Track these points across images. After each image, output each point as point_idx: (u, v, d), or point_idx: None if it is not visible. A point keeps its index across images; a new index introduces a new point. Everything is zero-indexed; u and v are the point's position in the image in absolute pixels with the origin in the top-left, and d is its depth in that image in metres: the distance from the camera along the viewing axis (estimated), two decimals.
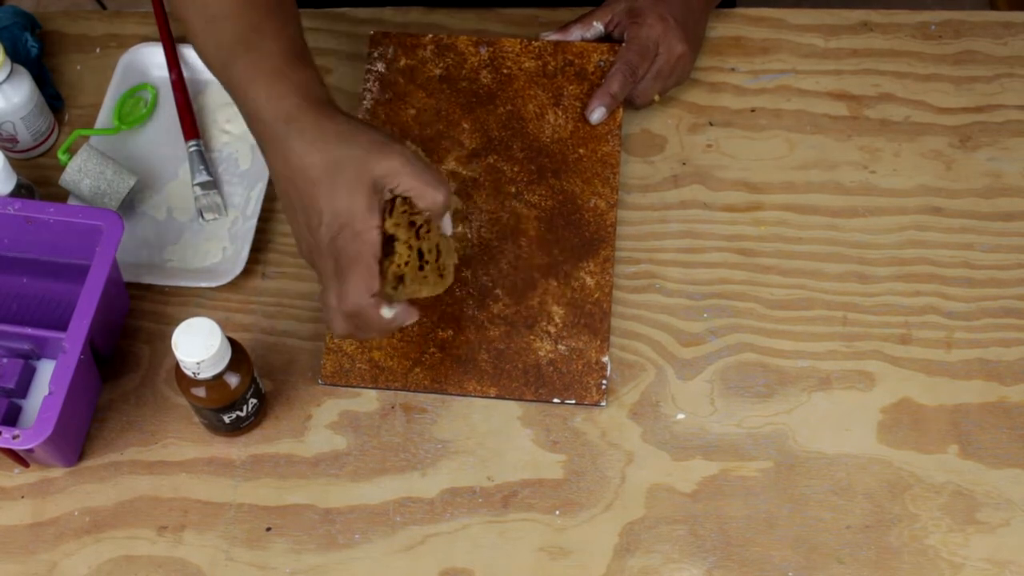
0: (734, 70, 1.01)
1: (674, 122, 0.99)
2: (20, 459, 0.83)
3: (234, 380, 0.80)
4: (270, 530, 0.83)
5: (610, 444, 0.86)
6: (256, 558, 0.82)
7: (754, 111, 0.99)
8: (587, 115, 0.95)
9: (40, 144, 0.98)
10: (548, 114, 0.96)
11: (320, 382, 0.88)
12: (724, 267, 0.92)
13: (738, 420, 0.87)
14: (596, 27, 0.99)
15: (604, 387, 0.87)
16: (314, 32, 1.02)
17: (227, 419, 0.83)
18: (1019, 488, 0.84)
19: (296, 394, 0.88)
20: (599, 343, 0.88)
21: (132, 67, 1.00)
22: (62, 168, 0.91)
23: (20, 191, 0.89)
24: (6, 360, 0.86)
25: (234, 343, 0.79)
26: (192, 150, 0.95)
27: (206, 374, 0.78)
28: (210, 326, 0.77)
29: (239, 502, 0.84)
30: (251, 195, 0.94)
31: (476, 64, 0.98)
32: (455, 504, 0.84)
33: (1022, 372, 0.88)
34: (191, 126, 0.96)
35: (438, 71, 0.98)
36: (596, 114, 0.95)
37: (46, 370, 0.87)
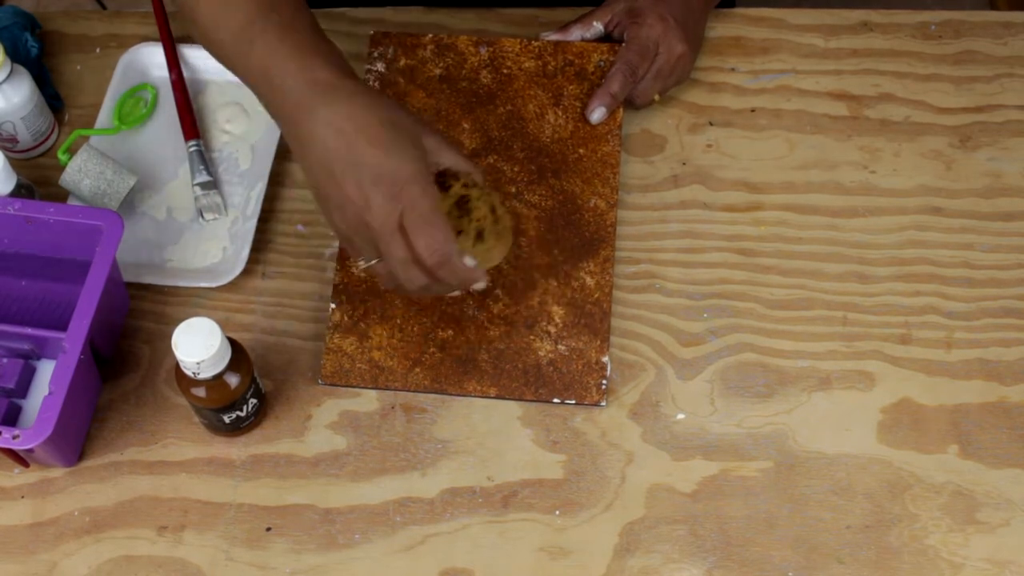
0: (734, 70, 1.01)
1: (674, 122, 0.99)
2: (20, 459, 0.83)
3: (234, 380, 0.80)
4: (270, 530, 0.83)
5: (610, 444, 0.86)
6: (256, 558, 0.82)
7: (754, 111, 0.99)
8: (587, 115, 0.95)
9: (40, 144, 0.98)
10: (548, 114, 0.96)
11: (320, 382, 0.88)
12: (724, 267, 0.92)
13: (738, 420, 0.87)
14: (596, 27, 0.99)
15: (604, 387, 0.87)
16: None
17: (227, 419, 0.83)
18: (1019, 488, 0.84)
19: (296, 394, 0.88)
20: (599, 343, 0.88)
21: (132, 67, 1.00)
22: (62, 168, 0.91)
23: (20, 191, 0.89)
24: (6, 360, 0.86)
25: (234, 343, 0.79)
26: (192, 150, 0.95)
27: (206, 374, 0.78)
28: (210, 326, 0.77)
29: (239, 502, 0.84)
30: (251, 195, 0.94)
31: (476, 64, 0.98)
32: (455, 504, 0.84)
33: (1022, 372, 0.88)
34: (191, 126, 0.96)
35: (438, 71, 0.98)
36: (596, 114, 0.95)
37: (46, 370, 0.87)
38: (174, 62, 0.99)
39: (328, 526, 0.83)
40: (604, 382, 0.87)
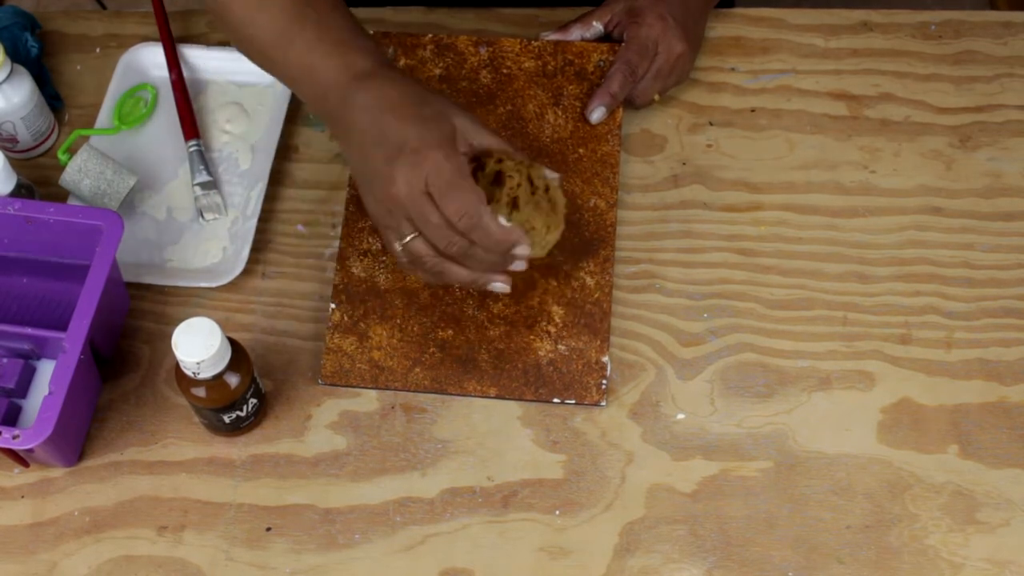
0: (734, 70, 1.01)
1: (674, 122, 0.99)
2: (20, 459, 0.84)
3: (234, 380, 0.80)
4: (270, 530, 0.83)
5: (610, 444, 0.86)
6: (256, 558, 0.82)
7: (754, 111, 0.99)
8: (587, 115, 0.95)
9: (40, 144, 0.98)
10: (548, 114, 0.96)
11: (320, 382, 0.88)
12: (724, 267, 0.92)
13: (738, 420, 0.87)
14: (596, 27, 0.99)
15: (604, 387, 0.87)
16: None
17: (227, 419, 0.83)
18: (1019, 488, 0.84)
19: (296, 394, 0.88)
20: (599, 343, 0.88)
21: (132, 67, 1.00)
22: (62, 168, 0.92)
23: (20, 191, 0.89)
24: (6, 360, 0.86)
25: (234, 343, 0.79)
26: (192, 150, 0.95)
27: (206, 374, 0.78)
28: (210, 326, 0.77)
29: (239, 502, 0.84)
30: (251, 195, 0.94)
31: (476, 64, 0.98)
32: (455, 504, 0.84)
33: (1022, 372, 0.88)
34: (191, 126, 0.96)
35: (438, 71, 0.98)
36: (596, 114, 0.95)
37: (46, 370, 0.87)
38: (174, 62, 0.99)
39: (328, 526, 0.83)
40: (604, 382, 0.87)
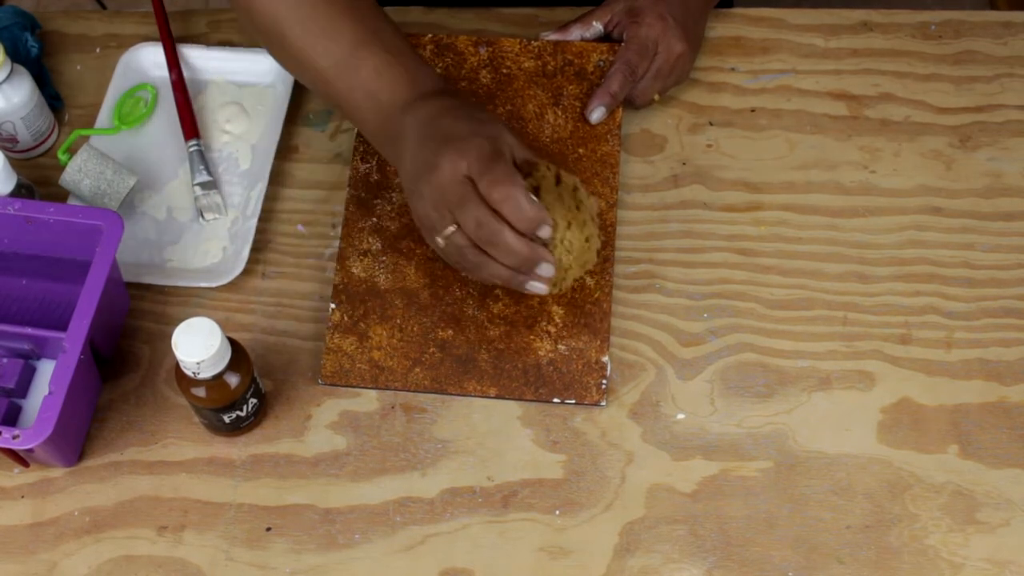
0: (734, 70, 1.01)
1: (674, 122, 0.99)
2: (20, 459, 0.84)
3: (234, 380, 0.80)
4: (270, 530, 0.83)
5: (610, 444, 0.86)
6: (256, 558, 0.82)
7: (754, 111, 0.99)
8: (587, 115, 0.95)
9: (40, 144, 0.98)
10: (548, 114, 0.96)
11: (320, 382, 0.88)
12: (724, 267, 0.92)
13: (738, 420, 0.87)
14: (595, 27, 0.99)
15: (604, 387, 0.87)
16: None
17: (227, 419, 0.83)
18: (1019, 488, 0.84)
19: (296, 394, 0.88)
20: (599, 343, 0.88)
21: (132, 67, 1.00)
22: (62, 168, 0.92)
23: (20, 191, 0.89)
24: (6, 360, 0.86)
25: (234, 343, 0.79)
26: (192, 150, 0.95)
27: (206, 374, 0.78)
28: (210, 326, 0.77)
29: (239, 502, 0.84)
30: (251, 195, 0.94)
31: (475, 64, 0.98)
32: (455, 504, 0.84)
33: (1022, 372, 0.88)
34: (191, 126, 0.96)
35: (437, 71, 0.98)
36: (596, 114, 0.95)
37: (46, 370, 0.87)
38: (174, 62, 0.99)
39: (328, 526, 0.83)
40: (604, 382, 0.87)
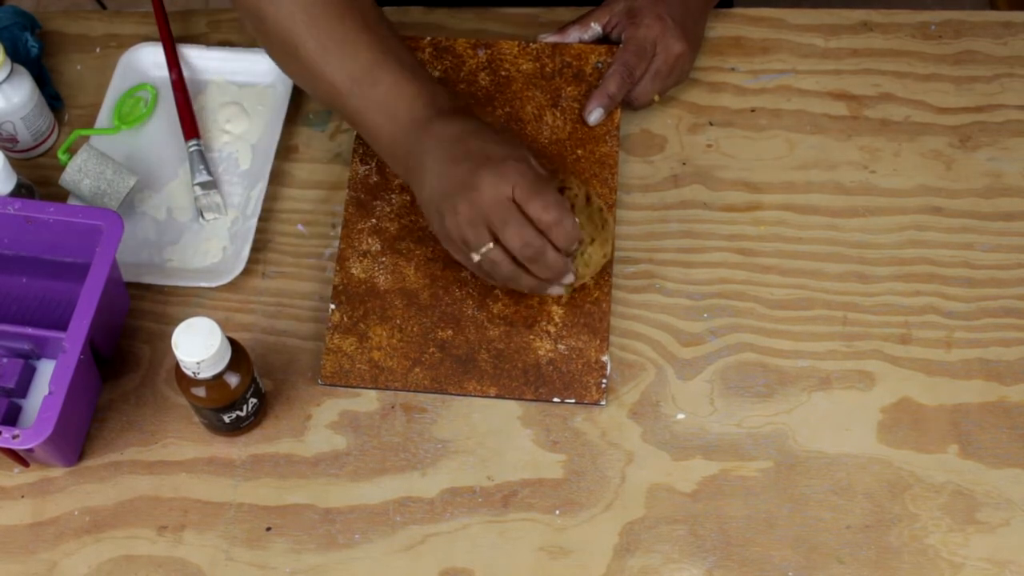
0: (734, 70, 1.01)
1: (674, 122, 0.99)
2: (20, 459, 0.84)
3: (234, 380, 0.80)
4: (270, 530, 0.83)
5: (610, 444, 0.86)
6: (256, 558, 0.82)
7: (754, 111, 0.99)
8: (585, 116, 0.95)
9: (40, 144, 0.98)
10: (546, 116, 0.96)
11: (320, 382, 0.88)
12: (724, 267, 0.92)
13: (738, 420, 0.87)
14: (594, 28, 0.98)
15: (604, 386, 0.87)
16: None
17: (227, 419, 0.83)
18: (1019, 488, 0.84)
19: (296, 394, 0.88)
20: (599, 343, 0.88)
21: (132, 67, 1.00)
22: (62, 168, 0.92)
23: (20, 191, 0.89)
24: (6, 360, 0.86)
25: (234, 343, 0.79)
26: (192, 150, 0.95)
27: (206, 374, 0.78)
28: (210, 326, 0.77)
29: (239, 502, 0.84)
30: (251, 195, 0.94)
31: (474, 66, 0.98)
32: (455, 504, 0.84)
33: (1022, 372, 0.88)
34: (191, 126, 0.96)
35: (436, 73, 0.98)
36: (594, 115, 0.95)
37: (46, 370, 0.87)
38: (174, 62, 0.99)
39: (328, 526, 0.83)
40: (604, 381, 0.87)
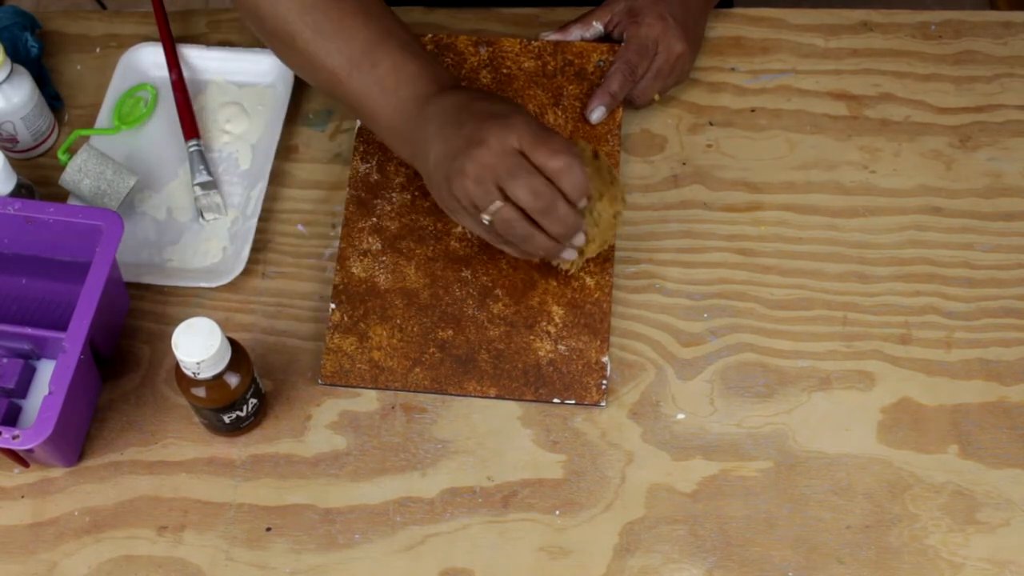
0: (734, 70, 1.01)
1: (674, 122, 0.99)
2: (20, 459, 0.84)
3: (234, 380, 0.80)
4: (270, 530, 0.83)
5: (610, 444, 0.86)
6: (256, 558, 0.82)
7: (754, 111, 0.99)
8: (587, 115, 0.95)
9: (40, 144, 0.98)
10: (548, 114, 0.96)
11: (320, 382, 0.88)
12: (724, 267, 0.92)
13: (738, 420, 0.87)
14: (596, 27, 0.99)
15: (604, 387, 0.87)
16: None
17: (227, 419, 0.83)
18: (1019, 488, 0.84)
19: (296, 394, 0.88)
20: (599, 343, 0.88)
21: (132, 67, 1.00)
22: (62, 168, 0.92)
23: (20, 191, 0.89)
24: (6, 360, 0.86)
25: (234, 343, 0.79)
26: (192, 150, 0.95)
27: (206, 374, 0.78)
28: (210, 326, 0.77)
29: (239, 502, 0.84)
30: (251, 195, 0.94)
31: (476, 64, 0.98)
32: (455, 504, 0.84)
33: (1022, 372, 0.88)
34: (191, 126, 0.96)
35: None
36: (596, 114, 0.95)
37: (46, 370, 0.87)
38: (174, 62, 0.99)
39: (328, 526, 0.83)
40: (604, 382, 0.87)
